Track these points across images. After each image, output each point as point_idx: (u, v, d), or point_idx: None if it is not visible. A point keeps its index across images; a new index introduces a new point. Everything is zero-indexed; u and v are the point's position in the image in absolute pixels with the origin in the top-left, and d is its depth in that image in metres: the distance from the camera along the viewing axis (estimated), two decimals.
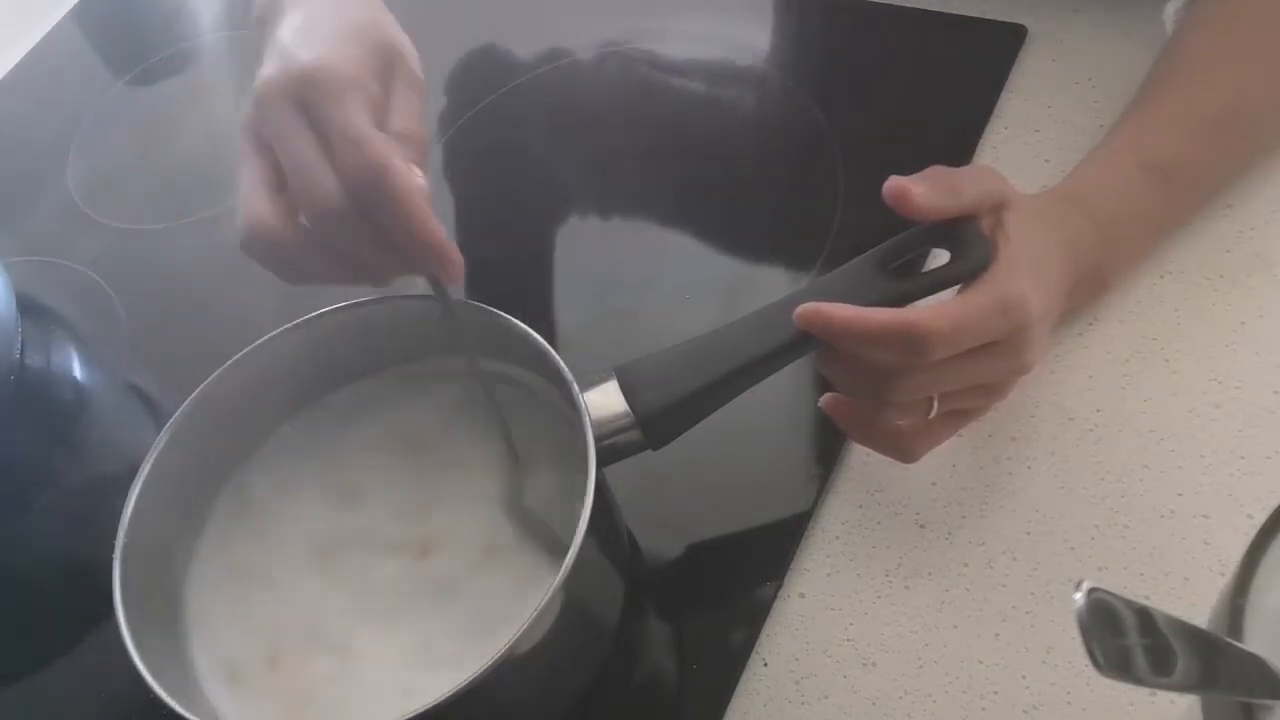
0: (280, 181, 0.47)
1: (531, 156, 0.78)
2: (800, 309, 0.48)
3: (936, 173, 0.49)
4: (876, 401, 0.50)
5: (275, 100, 0.46)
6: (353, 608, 0.52)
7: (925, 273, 0.50)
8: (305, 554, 0.54)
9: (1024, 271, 0.48)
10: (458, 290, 0.55)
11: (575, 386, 0.49)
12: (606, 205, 0.73)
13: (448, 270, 0.47)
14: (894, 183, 0.47)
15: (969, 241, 0.49)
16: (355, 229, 0.46)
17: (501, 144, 0.78)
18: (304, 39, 0.48)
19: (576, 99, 0.80)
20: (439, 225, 0.46)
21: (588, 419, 0.49)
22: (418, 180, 0.45)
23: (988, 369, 0.50)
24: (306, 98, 0.46)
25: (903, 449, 0.52)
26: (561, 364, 0.50)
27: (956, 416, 0.52)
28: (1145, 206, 0.56)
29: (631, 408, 0.50)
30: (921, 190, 0.47)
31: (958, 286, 0.50)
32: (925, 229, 0.49)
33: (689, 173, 0.73)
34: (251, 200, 0.47)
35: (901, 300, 0.50)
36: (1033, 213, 0.51)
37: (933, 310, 0.46)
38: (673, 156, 0.74)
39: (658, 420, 0.50)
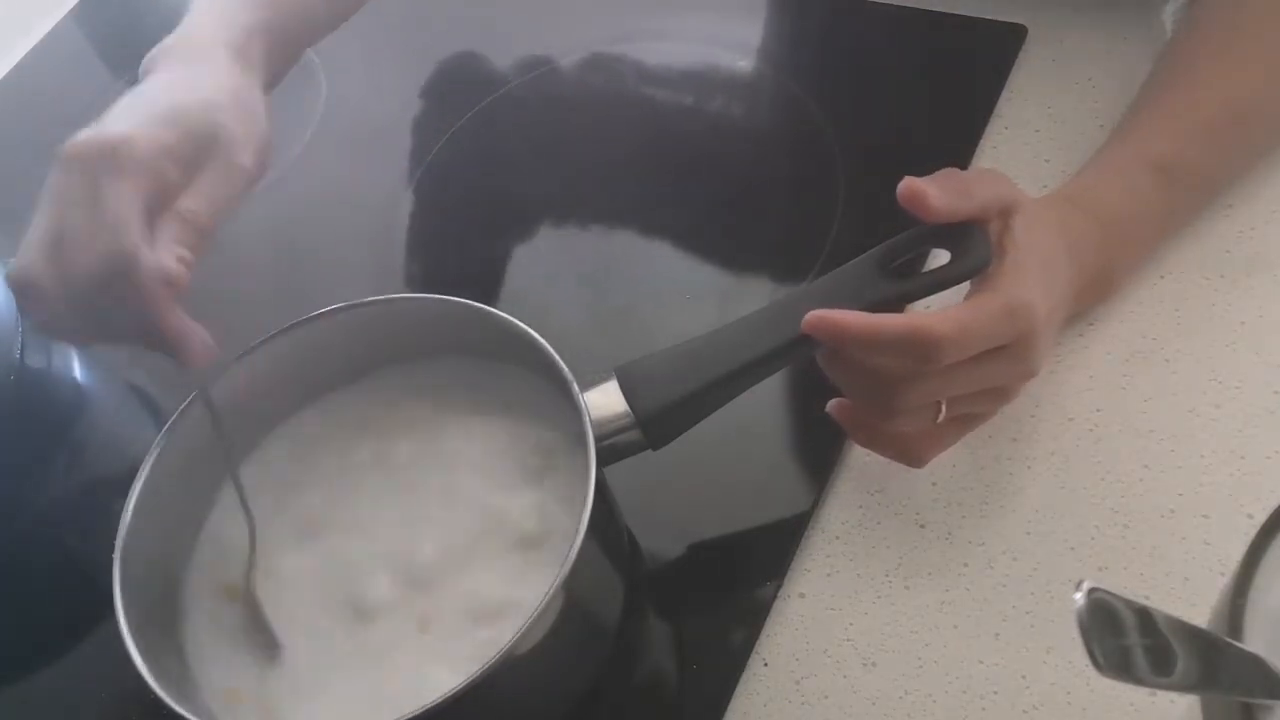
0: (59, 240, 0.49)
1: (532, 157, 0.78)
2: (809, 317, 0.47)
3: (948, 175, 0.49)
4: (884, 407, 0.50)
5: (72, 164, 0.49)
6: (353, 605, 0.52)
7: (925, 273, 0.50)
8: (304, 553, 0.54)
9: (1031, 276, 0.48)
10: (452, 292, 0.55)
11: (575, 386, 0.49)
12: (607, 206, 0.73)
13: (184, 357, 0.50)
14: (909, 184, 0.47)
15: (969, 241, 0.49)
16: (107, 303, 0.48)
17: (501, 144, 0.78)
18: (129, 110, 0.52)
19: (577, 99, 0.80)
20: (178, 315, 0.49)
21: (588, 419, 0.49)
22: (168, 272, 0.48)
23: (995, 373, 0.49)
24: (97, 170, 0.49)
25: (910, 454, 0.52)
26: (561, 364, 0.50)
27: (964, 421, 0.52)
28: (1149, 208, 0.56)
29: (631, 408, 0.50)
30: (935, 192, 0.47)
31: (963, 290, 0.50)
32: (925, 229, 0.49)
33: (689, 174, 0.73)
34: (27, 252, 0.49)
35: (902, 300, 0.50)
36: (1039, 216, 0.51)
37: (941, 316, 0.46)
38: (673, 157, 0.74)
39: (658, 420, 0.50)
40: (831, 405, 0.52)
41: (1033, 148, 0.66)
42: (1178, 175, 0.56)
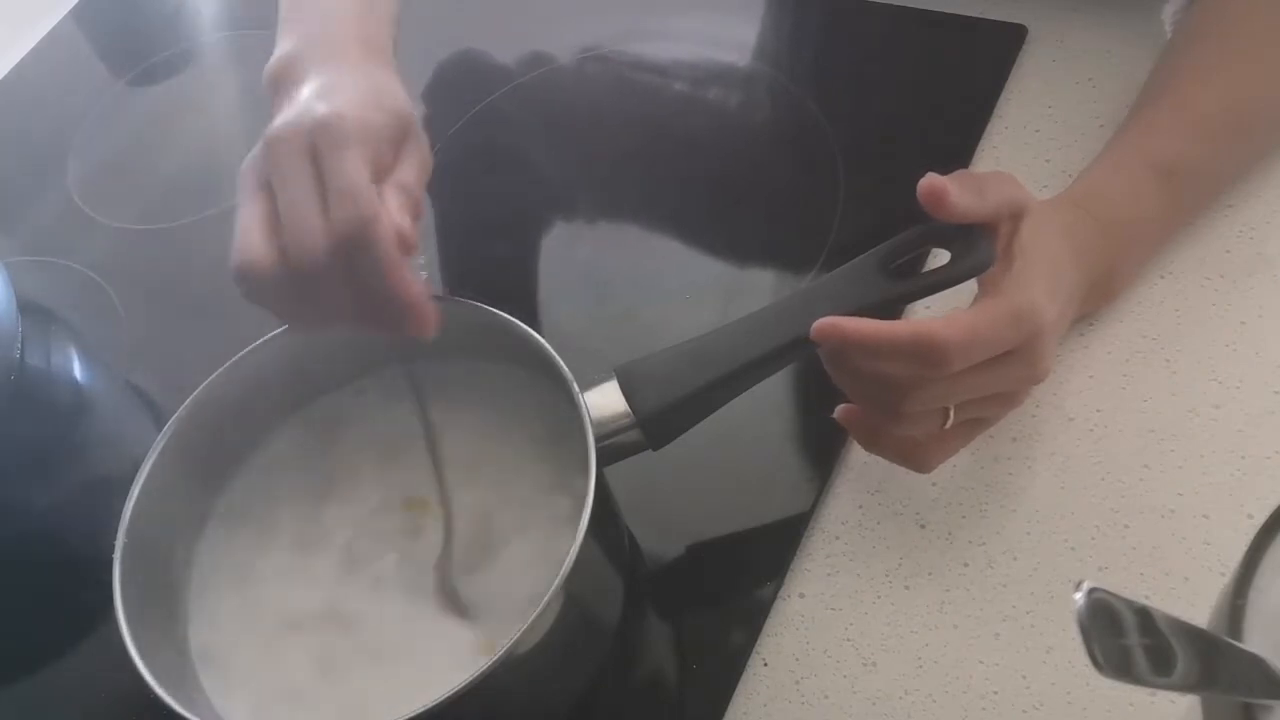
0: (277, 222, 0.47)
1: (534, 157, 0.78)
2: (817, 324, 0.47)
3: (963, 176, 0.48)
4: (890, 412, 0.49)
5: (284, 143, 0.47)
6: (351, 607, 0.52)
7: (926, 273, 0.50)
8: (305, 554, 0.54)
9: (1038, 281, 0.48)
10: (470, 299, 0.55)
11: (575, 386, 0.49)
12: (608, 206, 0.73)
13: (418, 324, 0.48)
14: (930, 180, 0.47)
15: (971, 242, 0.49)
16: (337, 276, 0.47)
17: (502, 146, 0.78)
18: (324, 95, 0.50)
19: (576, 101, 0.80)
20: (416, 281, 0.47)
21: (588, 419, 0.49)
22: (404, 233, 0.47)
23: (1002, 378, 0.49)
24: (317, 143, 0.47)
25: (916, 459, 0.52)
26: (561, 364, 0.50)
27: (970, 425, 0.52)
28: (1153, 210, 0.56)
29: (631, 408, 0.50)
30: (955, 190, 0.47)
31: (966, 292, 0.49)
32: (926, 228, 0.49)
33: (690, 174, 0.73)
34: (247, 236, 0.48)
35: (902, 300, 0.49)
36: (1047, 220, 0.51)
37: (948, 321, 0.46)
38: (673, 158, 0.74)
39: (658, 420, 0.50)
40: (838, 411, 0.52)
41: (1033, 148, 0.66)
42: (1180, 177, 0.56)
